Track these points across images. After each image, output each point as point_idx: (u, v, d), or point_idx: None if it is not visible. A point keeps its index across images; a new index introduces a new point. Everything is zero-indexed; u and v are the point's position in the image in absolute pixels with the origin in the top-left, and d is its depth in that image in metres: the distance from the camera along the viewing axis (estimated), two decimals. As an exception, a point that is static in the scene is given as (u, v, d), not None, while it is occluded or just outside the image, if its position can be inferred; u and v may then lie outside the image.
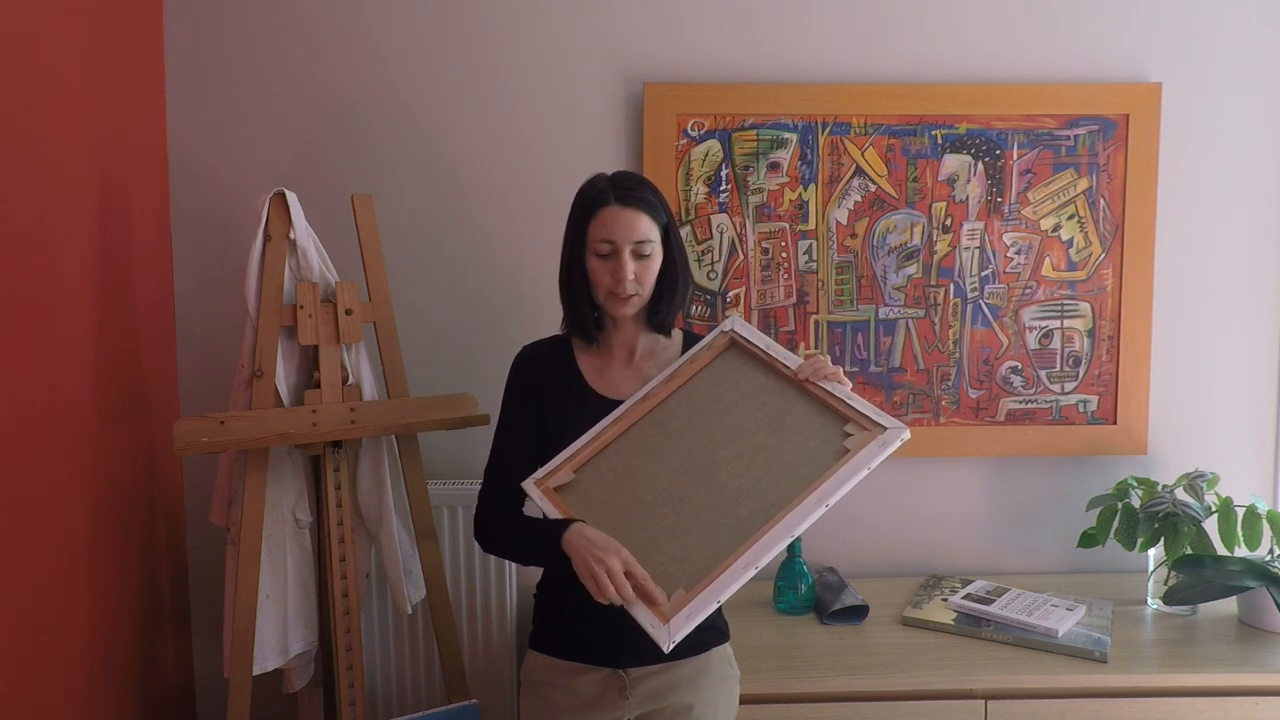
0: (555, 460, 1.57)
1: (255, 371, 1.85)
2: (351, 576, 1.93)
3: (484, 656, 2.16)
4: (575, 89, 2.20)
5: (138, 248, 2.02)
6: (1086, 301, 2.26)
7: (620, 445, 1.56)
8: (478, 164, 2.21)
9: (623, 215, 1.53)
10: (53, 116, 1.69)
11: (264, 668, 1.91)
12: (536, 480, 1.56)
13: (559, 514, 1.51)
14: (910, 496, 2.31)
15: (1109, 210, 2.24)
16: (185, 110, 2.17)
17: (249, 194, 2.15)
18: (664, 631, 1.34)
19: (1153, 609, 2.10)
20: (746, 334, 1.63)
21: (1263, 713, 1.81)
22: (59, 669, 1.69)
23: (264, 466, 1.85)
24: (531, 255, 2.22)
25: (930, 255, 2.24)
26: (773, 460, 1.47)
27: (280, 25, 2.16)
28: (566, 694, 1.56)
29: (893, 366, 2.26)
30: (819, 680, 1.80)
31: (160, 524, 2.12)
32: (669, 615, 1.36)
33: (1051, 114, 2.21)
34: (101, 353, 1.85)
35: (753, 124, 2.19)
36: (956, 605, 2.05)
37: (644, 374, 1.63)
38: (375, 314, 1.96)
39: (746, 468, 1.48)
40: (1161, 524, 2.01)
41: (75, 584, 1.75)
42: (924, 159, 2.21)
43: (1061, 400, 2.28)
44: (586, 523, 1.47)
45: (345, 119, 2.18)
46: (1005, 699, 1.80)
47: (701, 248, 2.22)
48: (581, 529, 1.44)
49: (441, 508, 2.12)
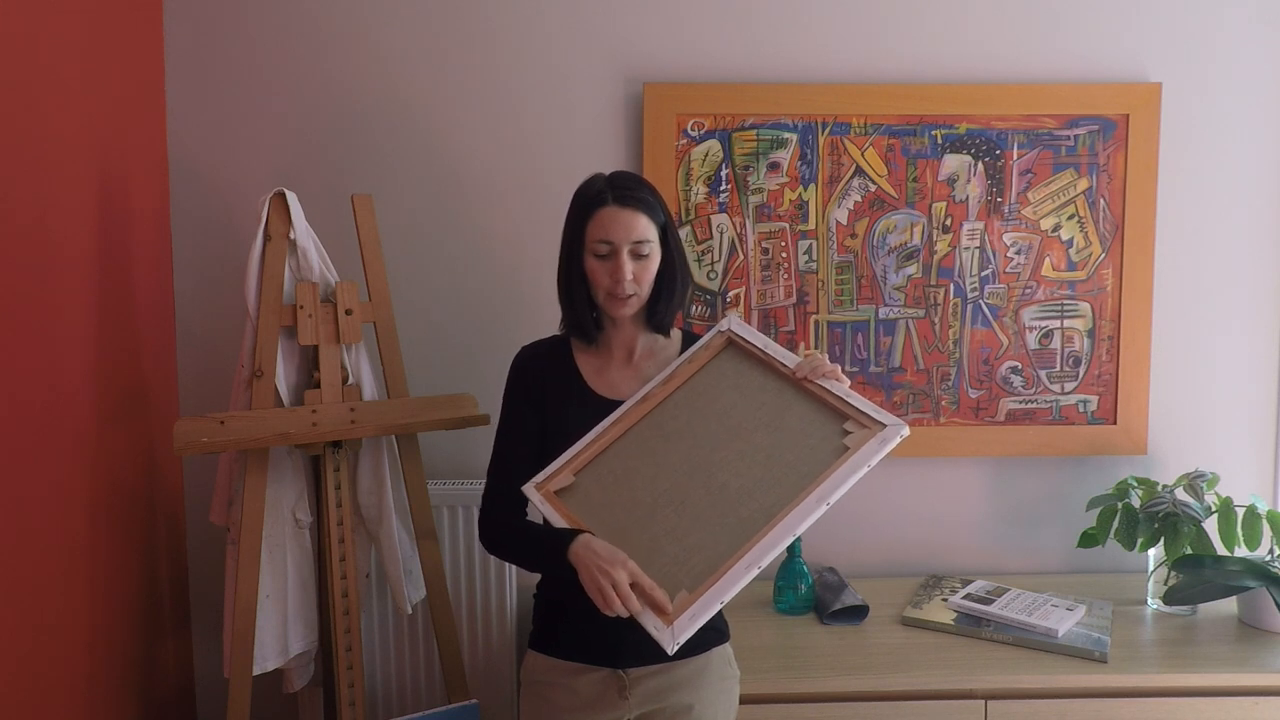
0: (555, 464, 1.56)
1: (255, 371, 1.85)
2: (351, 576, 1.93)
3: (484, 656, 2.16)
4: (575, 89, 2.20)
5: (138, 248, 2.02)
6: (1086, 301, 2.26)
7: (620, 447, 1.55)
8: (478, 164, 2.21)
9: (621, 215, 1.53)
10: (53, 116, 1.69)
11: (264, 668, 1.91)
12: (537, 484, 1.56)
13: (561, 519, 1.50)
14: (910, 496, 2.31)
15: (1109, 210, 2.24)
16: (185, 110, 2.17)
17: (249, 194, 2.15)
18: (668, 633, 1.34)
19: (1153, 609, 2.10)
20: (744, 333, 1.63)
21: (1263, 713, 1.81)
22: (59, 669, 1.69)
23: (264, 466, 1.85)
24: (531, 255, 2.22)
25: (930, 255, 2.24)
26: (773, 459, 1.47)
27: (280, 25, 2.16)
28: (566, 694, 1.56)
29: (893, 366, 2.26)
30: (819, 680, 1.80)
31: (160, 524, 2.12)
32: (673, 617, 1.36)
33: (1051, 114, 2.21)
34: (101, 353, 1.85)
35: (753, 124, 2.19)
36: (956, 605, 2.05)
37: (643, 374, 1.63)
38: (375, 314, 1.96)
39: (747, 467, 1.48)
40: (1161, 524, 2.01)
41: (75, 584, 1.75)
42: (924, 159, 2.21)
43: (1061, 400, 2.28)
44: (592, 531, 1.46)
45: (345, 119, 2.18)
46: (1005, 699, 1.80)
47: (701, 248, 2.22)
48: (588, 541, 1.43)
49: (441, 508, 2.12)
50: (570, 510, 1.52)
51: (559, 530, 1.49)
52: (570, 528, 1.48)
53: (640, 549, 1.43)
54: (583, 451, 1.55)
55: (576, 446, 1.56)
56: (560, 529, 1.49)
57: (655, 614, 1.37)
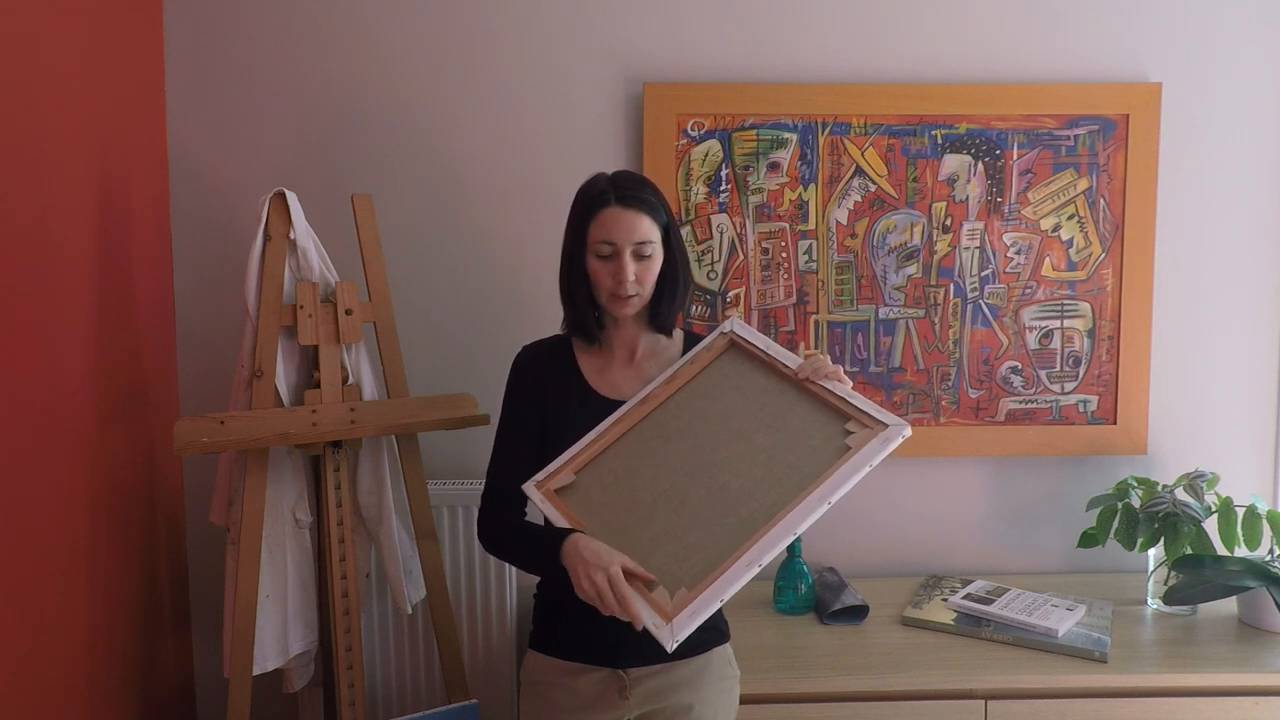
0: (556, 462, 1.56)
1: (255, 371, 1.85)
2: (351, 576, 1.93)
3: (484, 656, 2.16)
4: (575, 89, 2.20)
5: (138, 248, 2.02)
6: (1086, 301, 2.26)
7: (620, 447, 1.55)
8: (478, 164, 2.21)
9: (623, 216, 1.53)
10: (53, 116, 1.69)
11: (264, 668, 1.91)
12: (537, 483, 1.56)
13: (561, 517, 1.50)
14: (910, 496, 2.31)
15: (1109, 210, 2.24)
16: (185, 110, 2.17)
17: (249, 194, 2.15)
18: (667, 630, 1.34)
19: (1153, 609, 2.10)
20: (746, 335, 1.63)
21: (1263, 713, 1.81)
22: (59, 669, 1.69)
23: (264, 466, 1.85)
24: (531, 255, 2.22)
25: (930, 255, 2.24)
26: (774, 460, 1.47)
27: (280, 25, 2.16)
28: (566, 694, 1.56)
29: (893, 366, 2.26)
30: (819, 680, 1.80)
31: (160, 524, 2.12)
32: (671, 614, 1.36)
33: (1051, 114, 2.21)
34: (101, 353, 1.85)
35: (753, 124, 2.19)
36: (956, 605, 2.05)
37: (645, 374, 1.63)
38: (375, 314, 1.96)
39: (748, 468, 1.48)
40: (1161, 524, 2.01)
41: (75, 584, 1.75)
42: (924, 159, 2.21)
43: (1061, 400, 2.28)
44: (590, 531, 1.46)
45: (345, 119, 2.18)
46: (1005, 699, 1.80)
47: (701, 248, 2.22)
48: (577, 542, 1.43)
49: (441, 508, 2.12)
50: (570, 509, 1.52)
51: (555, 531, 1.49)
52: (565, 528, 1.48)
53: (640, 547, 1.43)
54: (583, 451, 1.55)
55: (577, 445, 1.56)
56: (556, 530, 1.49)
57: (655, 612, 1.37)
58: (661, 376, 1.61)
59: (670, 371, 1.61)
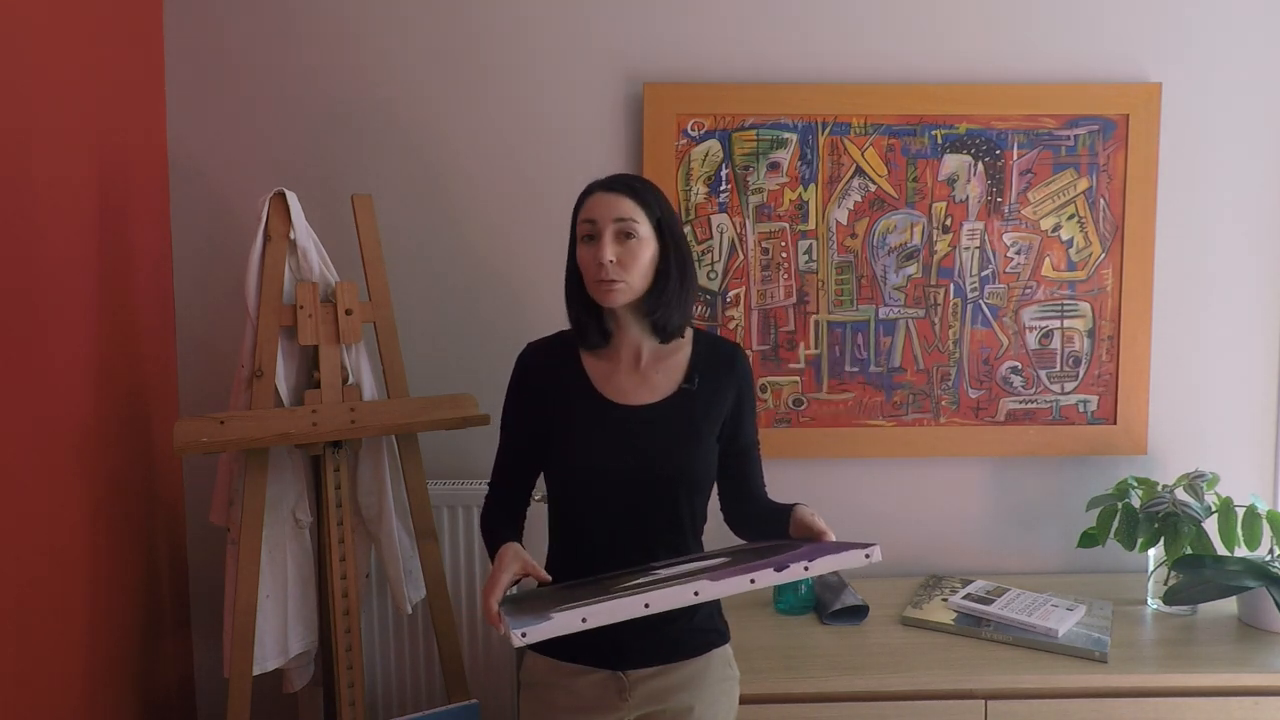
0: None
1: (255, 371, 1.85)
2: (351, 576, 1.93)
3: (484, 656, 2.16)
4: (576, 89, 2.20)
5: (138, 248, 2.02)
6: (1086, 301, 2.26)
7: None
8: (478, 164, 2.21)
9: (605, 197, 1.50)
10: (53, 116, 1.69)
11: (264, 668, 1.91)
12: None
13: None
14: (910, 496, 2.31)
15: (1109, 210, 2.24)
16: (185, 110, 2.17)
17: (249, 194, 2.15)
18: (514, 627, 1.27)
19: (1153, 609, 2.10)
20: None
21: (1263, 713, 1.81)
22: (59, 669, 1.69)
23: (264, 466, 1.85)
24: (532, 255, 2.22)
25: (930, 255, 2.24)
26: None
27: (280, 25, 2.16)
28: (566, 695, 1.56)
29: (893, 366, 2.26)
30: (819, 680, 1.80)
31: (160, 524, 2.12)
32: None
33: (1051, 114, 2.21)
34: (101, 353, 1.85)
35: (753, 124, 2.19)
36: (956, 605, 2.05)
37: (652, 382, 1.58)
38: (375, 314, 1.96)
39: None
40: (1161, 524, 2.01)
41: (75, 584, 1.75)
42: (924, 159, 2.21)
43: (1061, 400, 2.28)
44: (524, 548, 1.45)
45: (345, 119, 2.18)
46: (1005, 699, 1.80)
47: (701, 248, 2.22)
48: (501, 554, 1.42)
49: (441, 508, 2.12)
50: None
51: (500, 537, 1.50)
52: (505, 537, 1.49)
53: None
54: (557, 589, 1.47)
55: (553, 587, 1.47)
56: (501, 536, 1.50)
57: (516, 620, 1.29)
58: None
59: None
